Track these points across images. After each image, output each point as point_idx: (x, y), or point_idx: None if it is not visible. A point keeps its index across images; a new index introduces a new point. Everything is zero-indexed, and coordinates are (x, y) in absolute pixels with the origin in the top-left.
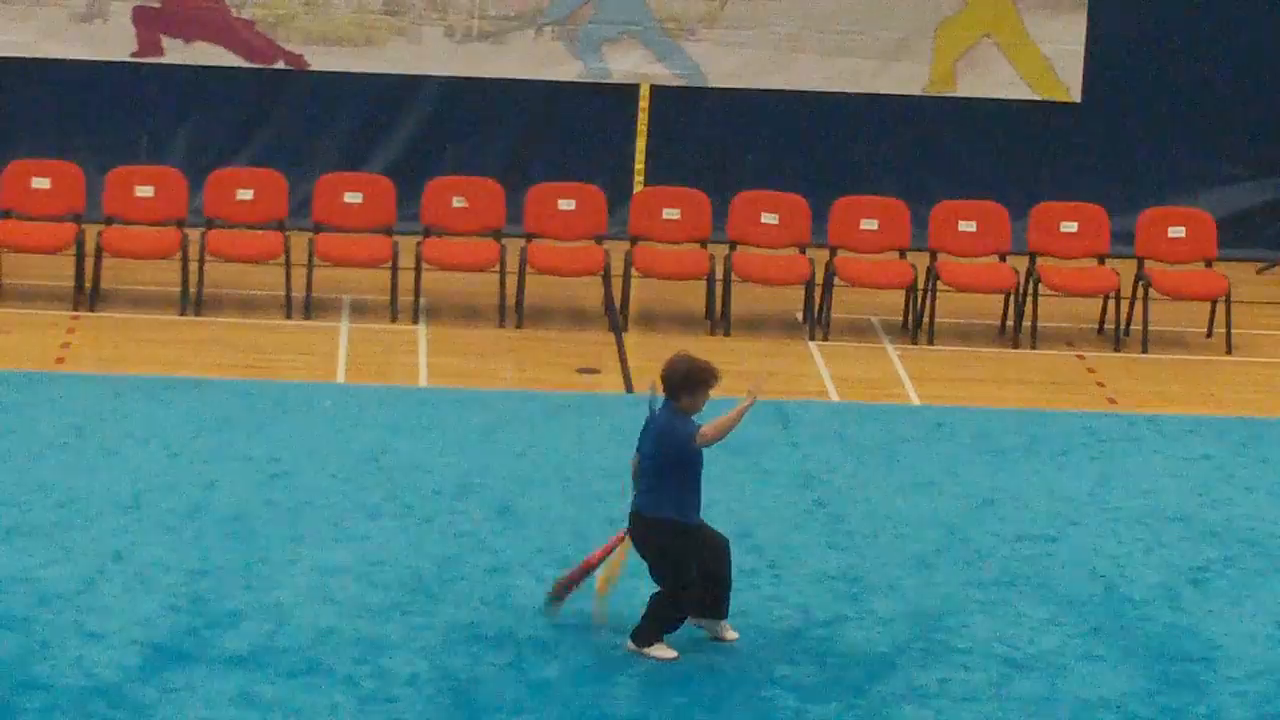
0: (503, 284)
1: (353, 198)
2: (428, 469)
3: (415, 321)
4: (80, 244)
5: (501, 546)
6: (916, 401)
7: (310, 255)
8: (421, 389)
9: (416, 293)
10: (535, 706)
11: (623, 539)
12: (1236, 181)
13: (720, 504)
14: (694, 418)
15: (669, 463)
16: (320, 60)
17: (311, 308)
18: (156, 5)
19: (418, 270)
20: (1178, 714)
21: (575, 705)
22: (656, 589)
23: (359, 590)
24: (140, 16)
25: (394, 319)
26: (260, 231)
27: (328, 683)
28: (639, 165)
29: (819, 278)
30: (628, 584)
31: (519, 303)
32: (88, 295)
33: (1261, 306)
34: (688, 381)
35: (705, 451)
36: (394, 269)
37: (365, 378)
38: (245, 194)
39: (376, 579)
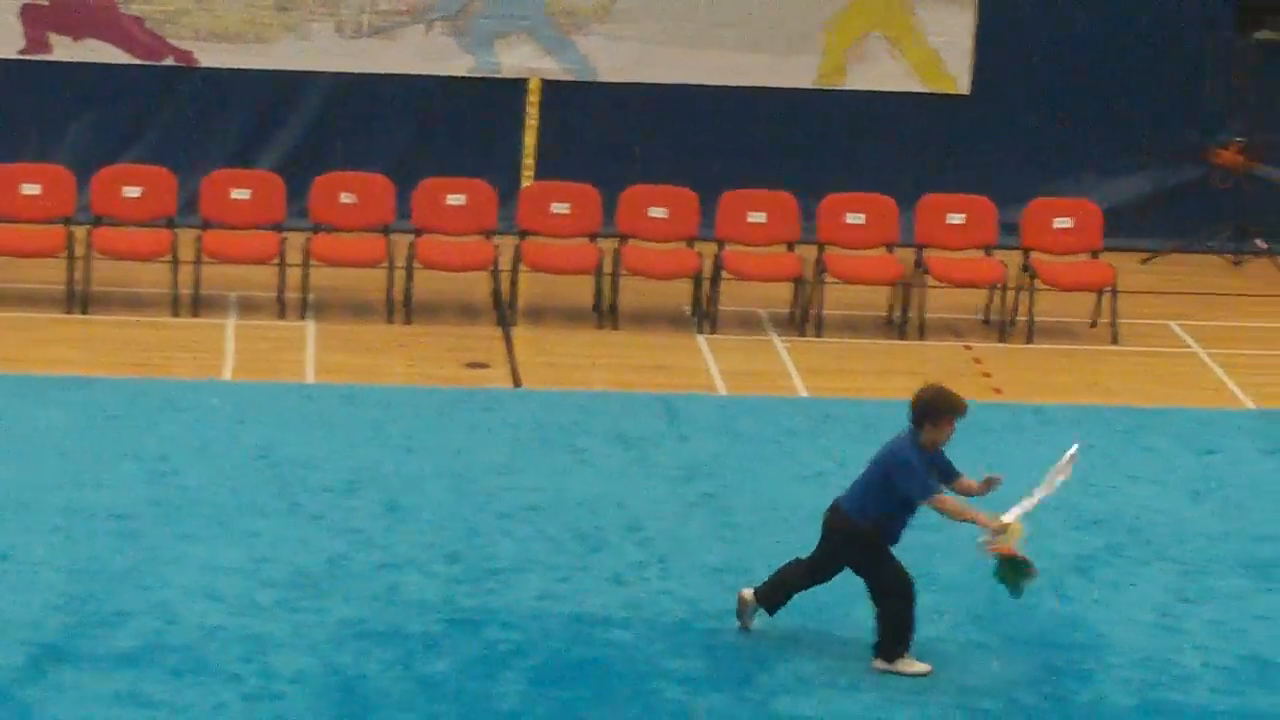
0: (391, 280)
1: (241, 194)
2: (316, 466)
3: (304, 318)
4: None
5: (390, 543)
6: (804, 394)
7: (198, 252)
8: (310, 385)
9: (305, 289)
10: (423, 703)
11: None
12: (1122, 173)
13: (608, 497)
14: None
15: (882, 476)
16: (210, 57)
17: (199, 305)
18: (44, 3)
19: (306, 266)
20: (1061, 701)
21: (463, 701)
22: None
23: (247, 588)
24: (28, 14)
25: (282, 315)
26: (148, 229)
27: (214, 681)
28: (528, 160)
29: (707, 271)
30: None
31: (407, 298)
32: None
33: (1146, 296)
34: (930, 410)
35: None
36: (282, 265)
37: (253, 375)
38: (133, 191)
39: (264, 576)
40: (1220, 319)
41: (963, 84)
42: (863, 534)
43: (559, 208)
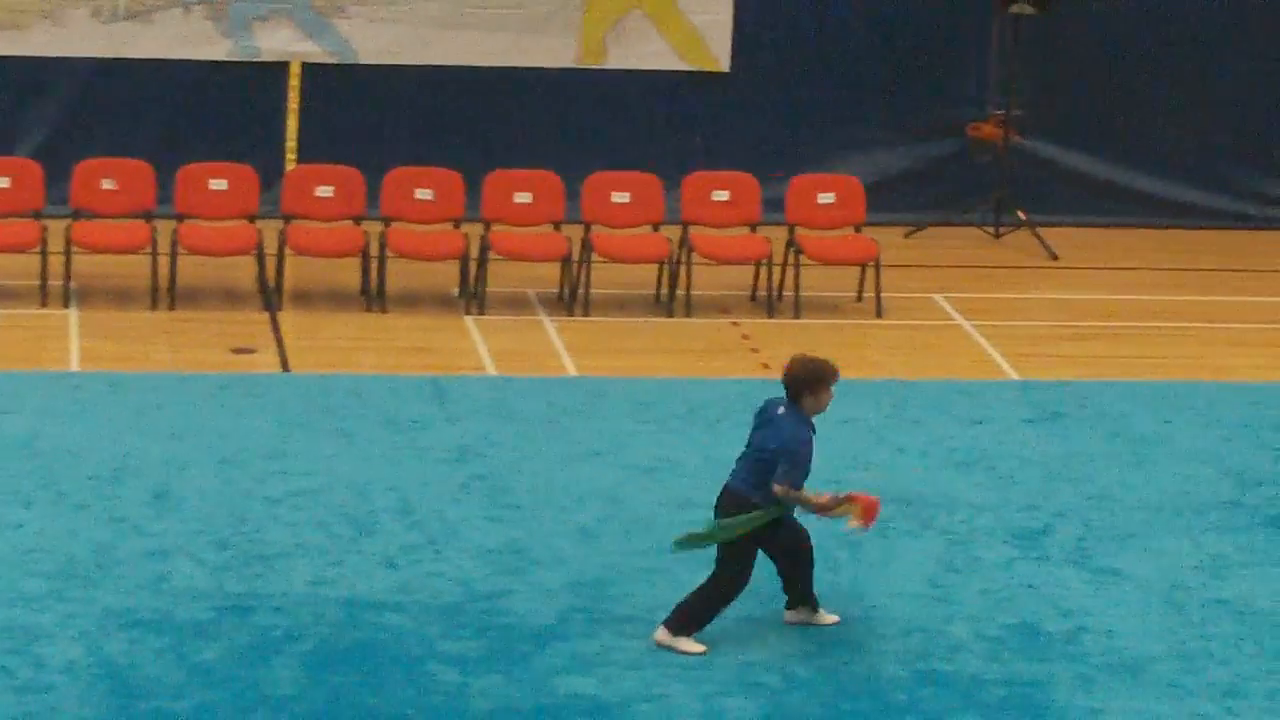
0: (155, 266)
1: None
2: (82, 454)
3: (66, 306)
4: None
5: (159, 530)
6: (575, 373)
7: None
8: (74, 374)
9: (67, 277)
10: (195, 690)
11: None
12: (883, 147)
13: (379, 481)
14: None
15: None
16: None
17: None
18: None
19: (68, 254)
20: (835, 673)
21: (235, 687)
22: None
23: (13, 578)
24: None
25: (44, 304)
26: None
27: None
28: (291, 143)
29: (474, 252)
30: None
31: (172, 284)
32: None
33: (910, 270)
34: (807, 383)
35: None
36: (43, 253)
37: (15, 364)
38: None
39: (31, 567)
40: (983, 291)
41: (724, 61)
42: (760, 508)
43: (323, 191)
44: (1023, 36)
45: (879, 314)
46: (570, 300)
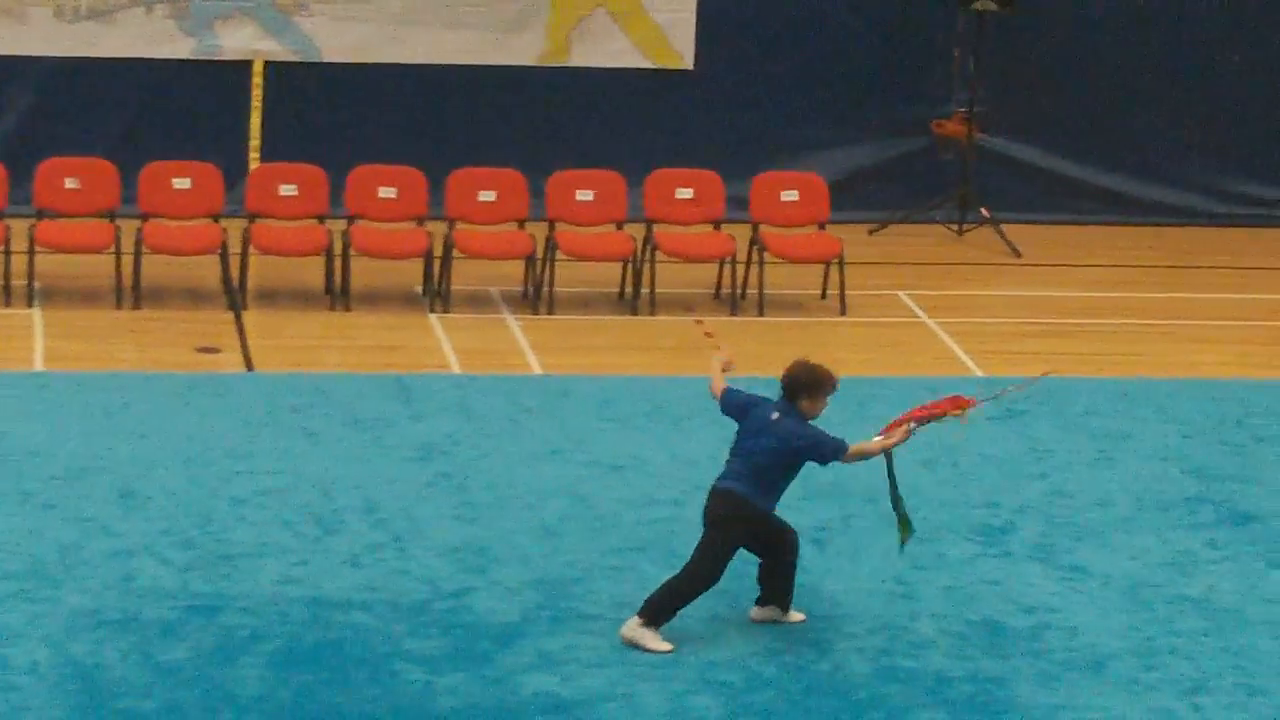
0: (119, 265)
1: None
2: (47, 454)
3: (30, 305)
4: None
5: (124, 530)
6: (539, 371)
7: None
8: (39, 373)
9: (30, 276)
10: (162, 690)
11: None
12: (847, 144)
13: (344, 479)
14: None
15: (785, 462)
16: None
17: None
18: None
19: (31, 254)
20: (800, 670)
21: (201, 687)
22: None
23: None
24: None
25: (7, 304)
26: None
27: None
28: (254, 142)
29: (438, 250)
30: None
31: (136, 283)
32: None
33: (874, 267)
34: (806, 386)
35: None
36: (6, 253)
37: None
38: None
39: None
40: (947, 288)
41: (688, 59)
42: (755, 514)
43: (287, 190)
44: (986, 33)
45: (843, 311)
46: (534, 298)
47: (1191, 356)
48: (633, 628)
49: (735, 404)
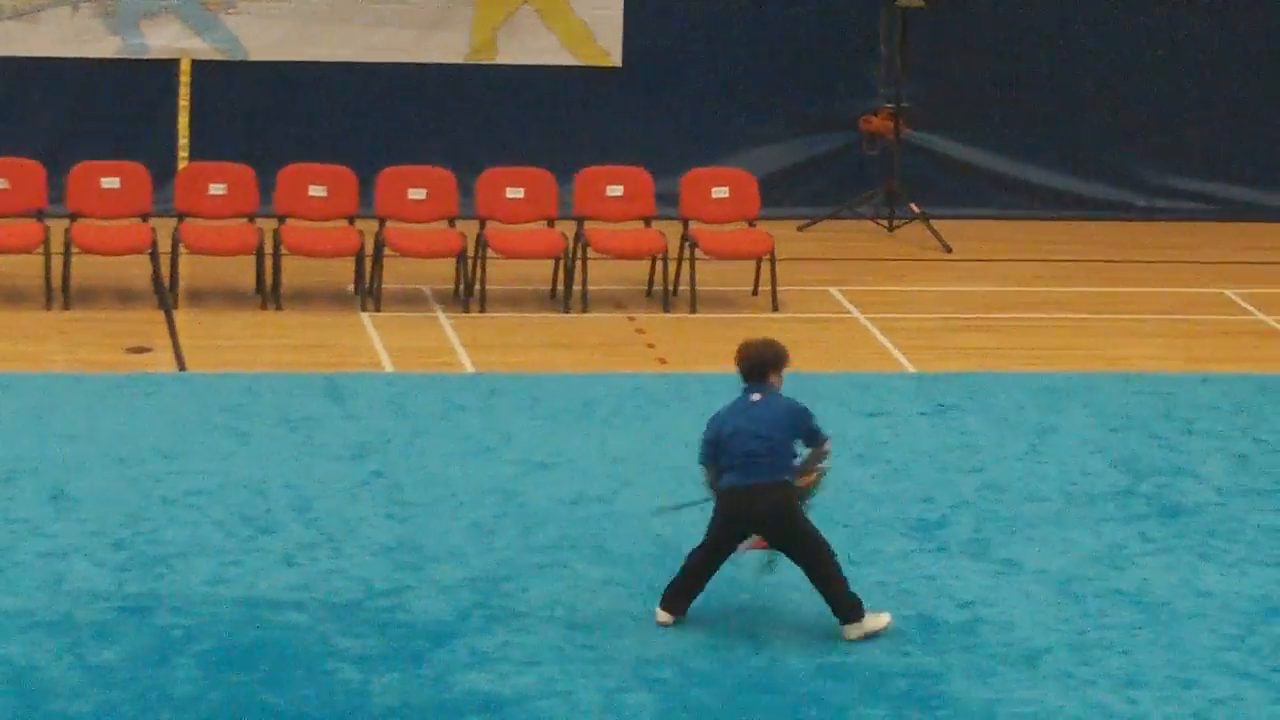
0: (48, 265)
1: None
2: None
3: None
4: None
5: (56, 531)
6: (470, 369)
7: None
8: None
9: None
10: (96, 691)
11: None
12: (775, 141)
13: (277, 478)
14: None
15: (793, 432)
16: None
17: None
18: None
19: None
20: (735, 666)
21: (135, 688)
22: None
23: None
24: None
25: None
26: None
27: None
28: (183, 141)
29: (369, 249)
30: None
31: (65, 284)
32: None
33: (804, 263)
34: (773, 360)
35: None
36: None
37: None
38: None
39: None
40: (877, 284)
41: (615, 56)
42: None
43: (216, 189)
44: (911, 29)
45: (775, 308)
46: (466, 296)
47: (1122, 350)
48: (851, 631)
49: (710, 436)
